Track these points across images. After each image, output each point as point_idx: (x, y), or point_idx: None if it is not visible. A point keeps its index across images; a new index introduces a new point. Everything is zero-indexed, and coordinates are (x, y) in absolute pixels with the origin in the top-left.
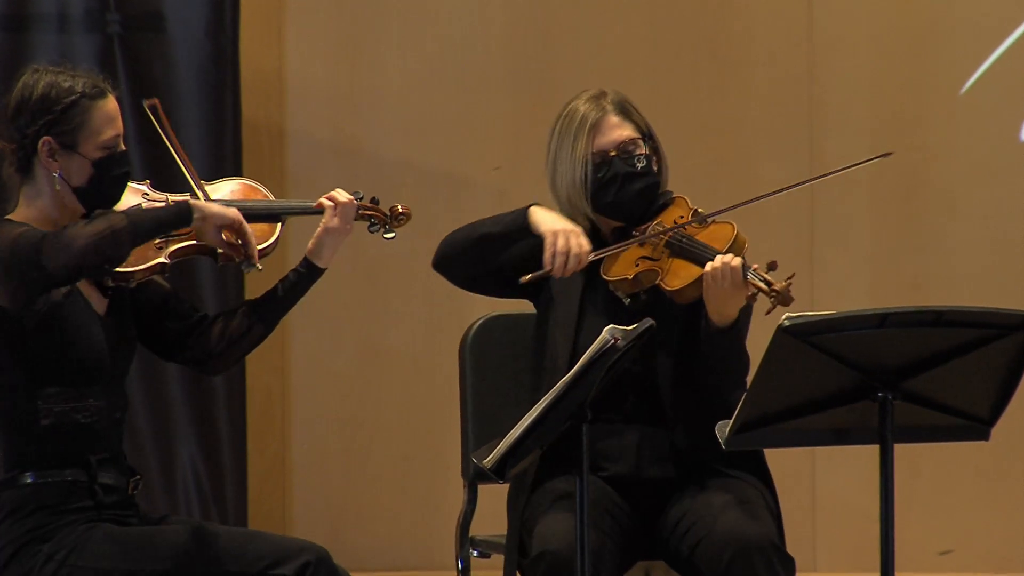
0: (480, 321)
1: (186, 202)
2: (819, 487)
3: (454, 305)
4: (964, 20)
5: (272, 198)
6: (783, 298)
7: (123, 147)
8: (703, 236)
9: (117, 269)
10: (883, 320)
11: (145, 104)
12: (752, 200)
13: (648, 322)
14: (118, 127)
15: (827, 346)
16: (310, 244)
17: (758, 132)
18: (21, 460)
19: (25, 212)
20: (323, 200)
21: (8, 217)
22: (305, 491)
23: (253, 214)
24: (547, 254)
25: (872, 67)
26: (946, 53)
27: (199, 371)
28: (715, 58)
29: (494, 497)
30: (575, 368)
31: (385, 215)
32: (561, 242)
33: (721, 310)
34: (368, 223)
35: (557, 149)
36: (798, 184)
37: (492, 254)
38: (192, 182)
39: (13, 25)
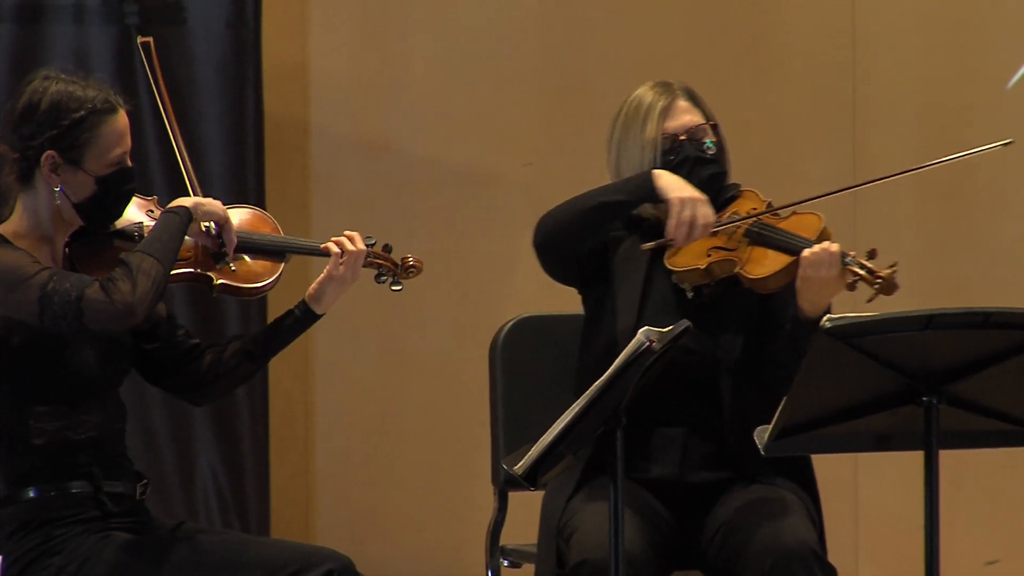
0: (511, 323)
1: (182, 207)
2: (862, 494)
3: (484, 306)
4: (1012, 11)
5: (280, 232)
6: (888, 285)
7: (129, 163)
8: (786, 226)
9: None
10: (928, 322)
11: (138, 40)
12: (840, 191)
13: (684, 323)
14: (126, 144)
15: (870, 348)
16: (311, 288)
17: (799, 127)
18: (21, 476)
19: (19, 222)
20: (331, 244)
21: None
22: (329, 499)
23: (257, 248)
24: (672, 223)
25: (917, 59)
26: (993, 45)
27: (184, 399)
28: (754, 50)
29: (525, 505)
30: (609, 371)
31: (395, 266)
32: (688, 212)
33: (814, 299)
34: (376, 272)
35: (622, 137)
36: (904, 172)
37: (610, 223)
38: (176, 147)
39: (28, 16)
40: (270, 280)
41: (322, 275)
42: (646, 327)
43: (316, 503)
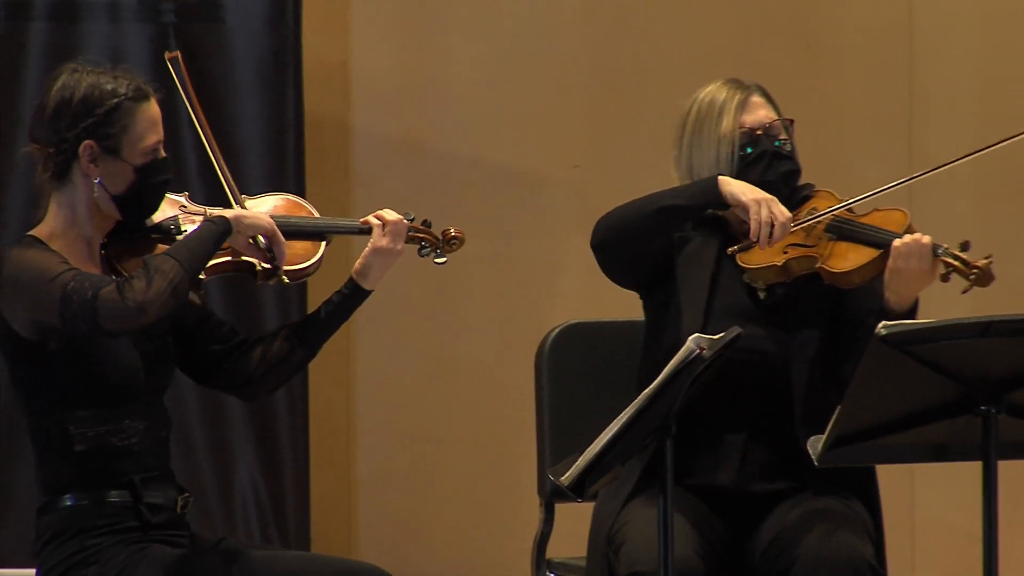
0: (558, 329)
1: (222, 217)
2: (918, 506)
3: (530, 311)
4: None
5: (316, 215)
6: (984, 276)
7: (164, 153)
8: (869, 221)
9: None
10: (986, 328)
11: (166, 56)
12: (913, 178)
13: (736, 330)
14: (160, 132)
15: (926, 356)
16: (356, 264)
17: (854, 125)
18: (59, 484)
19: (55, 221)
20: (370, 218)
21: (32, 234)
22: (371, 511)
23: (295, 231)
24: (753, 225)
25: (977, 54)
26: None
27: (237, 396)
28: (808, 46)
29: (572, 517)
30: (658, 379)
31: (437, 238)
32: (765, 212)
33: (903, 291)
34: (419, 246)
35: (694, 133)
36: (966, 157)
37: (672, 228)
38: (214, 158)
39: (62, 14)
40: (312, 261)
41: (367, 249)
42: (696, 334)
43: (358, 514)
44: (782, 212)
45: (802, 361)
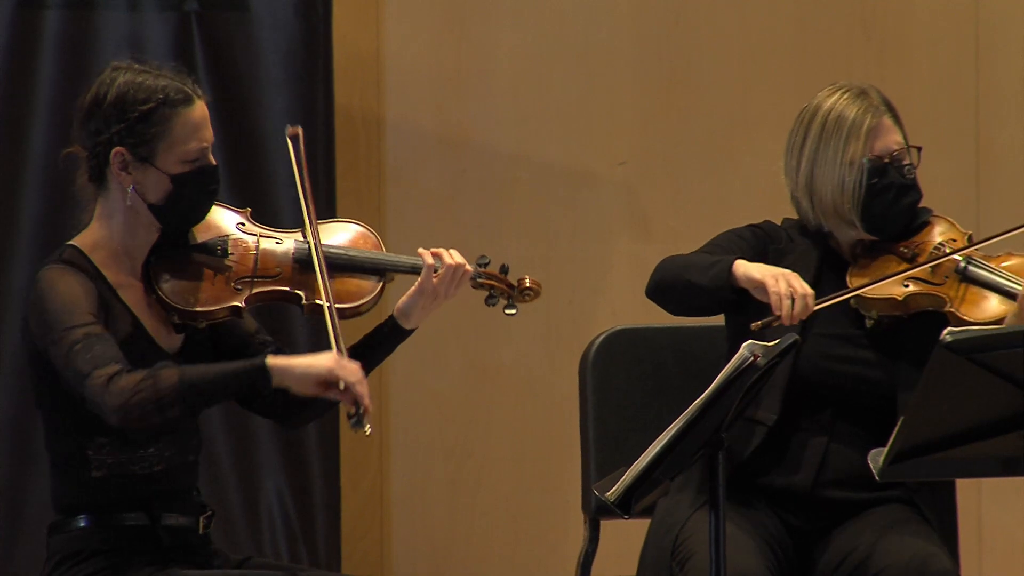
0: (603, 336)
1: (261, 362)
2: (986, 523)
3: (574, 317)
4: None
5: (383, 249)
6: None
7: (212, 161)
8: (1007, 266)
9: (185, 308)
10: None
11: (287, 133)
12: None
13: (792, 337)
14: (204, 138)
15: (995, 364)
16: (400, 302)
17: (919, 122)
18: (74, 504)
19: (98, 229)
20: (425, 254)
21: (74, 243)
22: (406, 528)
23: (351, 266)
24: (774, 300)
25: None
26: None
27: (275, 422)
28: (870, 39)
29: (618, 535)
30: (710, 388)
31: (510, 288)
32: (784, 286)
33: None
34: (487, 294)
35: (818, 151)
36: None
37: (699, 301)
38: (309, 226)
39: (78, 1)
40: (364, 300)
41: (413, 287)
42: (750, 340)
43: (391, 533)
44: (803, 287)
45: (908, 388)
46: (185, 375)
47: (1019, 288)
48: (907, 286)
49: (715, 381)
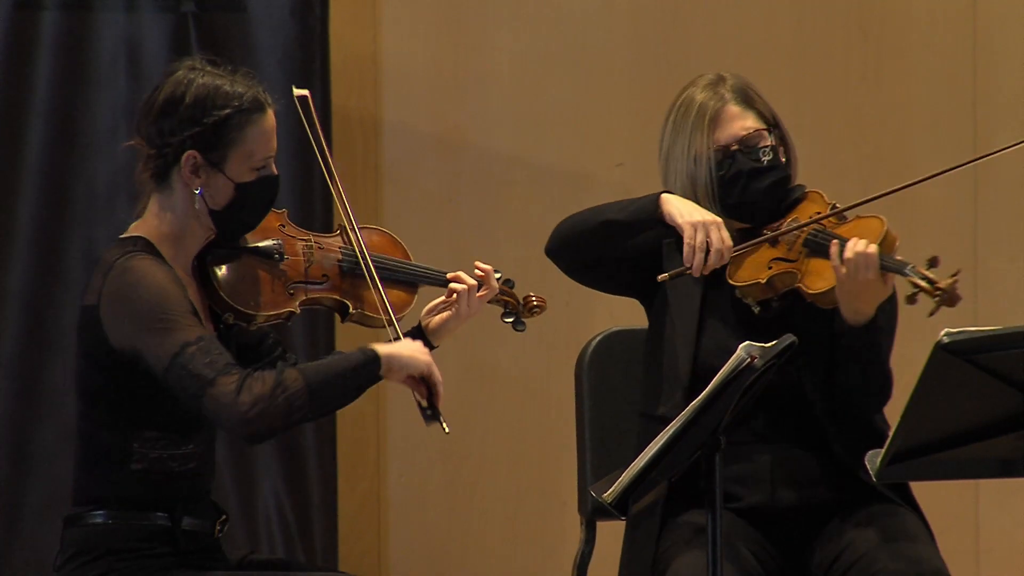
0: (599, 337)
1: (373, 352)
2: (983, 526)
3: (571, 319)
4: None
5: (411, 257)
6: (949, 297)
7: (275, 170)
8: (845, 231)
9: (244, 310)
10: None
11: (295, 94)
12: (898, 188)
13: (789, 338)
14: (272, 148)
15: (992, 365)
16: (432, 322)
17: (916, 122)
18: (95, 498)
19: (151, 223)
20: (464, 276)
21: (130, 235)
22: (403, 529)
23: (394, 277)
24: (686, 250)
25: None
26: None
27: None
28: (868, 40)
29: (614, 535)
30: (707, 391)
31: (518, 303)
32: (700, 236)
33: (855, 305)
34: (503, 310)
35: (671, 144)
36: (953, 168)
37: (614, 242)
38: (341, 205)
39: (75, 3)
40: (405, 312)
41: (449, 313)
42: (747, 342)
43: (389, 534)
44: (722, 239)
45: (814, 372)
46: (308, 378)
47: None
48: (770, 268)
49: (712, 383)
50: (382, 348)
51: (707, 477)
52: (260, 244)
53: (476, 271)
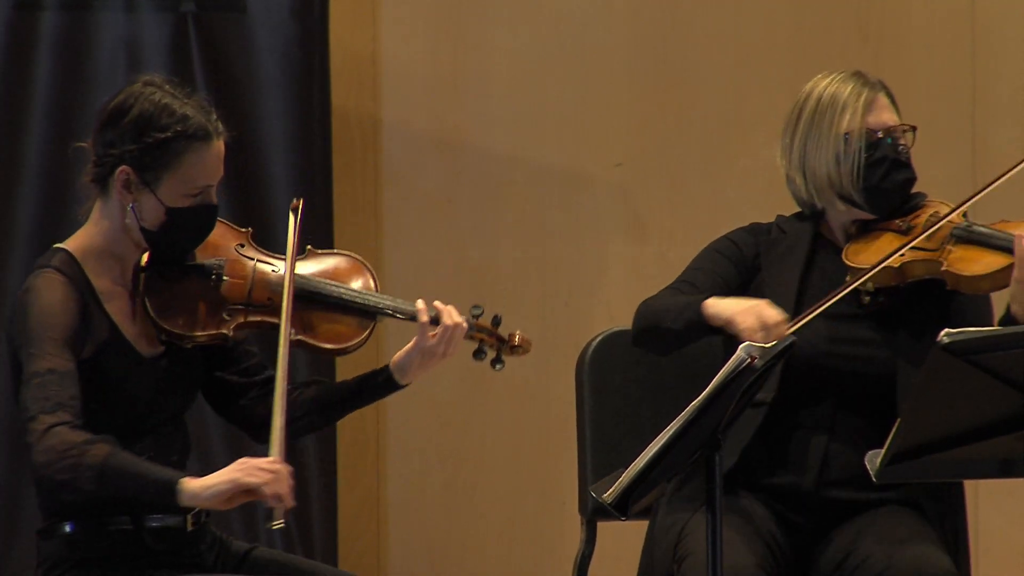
0: (599, 338)
1: (172, 483)
2: (982, 525)
3: (570, 320)
4: None
5: (376, 285)
6: None
7: (213, 199)
8: (1002, 227)
9: (172, 329)
10: None
11: (292, 205)
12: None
13: (790, 339)
14: (212, 177)
15: (993, 366)
16: (397, 356)
17: (915, 119)
18: (60, 508)
19: (93, 233)
20: (421, 309)
21: (59, 246)
22: (402, 530)
23: (344, 305)
24: (745, 336)
25: None
26: None
27: (248, 436)
28: (866, 40)
29: (615, 536)
30: (707, 390)
31: (500, 342)
32: (752, 320)
33: None
34: (476, 347)
35: (810, 129)
36: None
37: (680, 343)
38: (285, 316)
39: (74, 3)
40: (353, 342)
41: (411, 345)
42: (747, 343)
43: (388, 535)
44: (771, 315)
45: (910, 369)
46: (110, 461)
47: (1012, 238)
48: (903, 255)
49: (712, 383)
50: (189, 483)
51: (708, 479)
52: (202, 263)
53: (439, 305)
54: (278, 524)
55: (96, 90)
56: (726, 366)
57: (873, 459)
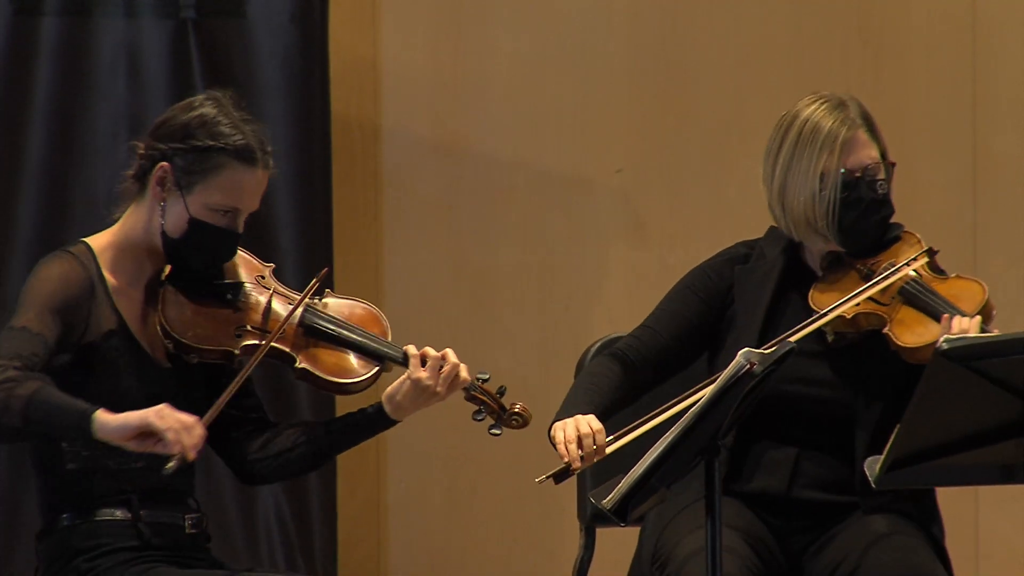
0: (599, 342)
1: (87, 413)
2: (983, 531)
3: (570, 324)
4: None
5: (389, 336)
6: None
7: (239, 228)
8: (943, 289)
9: (180, 339)
10: None
11: (319, 275)
12: None
13: (789, 345)
14: (242, 202)
15: (992, 372)
16: (389, 389)
17: (915, 128)
18: (55, 504)
19: (120, 230)
20: (411, 351)
21: (87, 240)
22: (402, 536)
23: (354, 345)
24: (559, 449)
25: None
26: None
27: (232, 472)
28: (867, 45)
29: (614, 542)
30: (706, 397)
31: (500, 409)
32: (569, 431)
33: None
34: (476, 408)
35: (792, 159)
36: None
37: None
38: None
39: (74, 8)
40: (358, 379)
41: (403, 377)
42: (746, 348)
43: (388, 541)
44: (583, 427)
45: (865, 410)
46: (38, 394)
47: (946, 312)
48: (858, 304)
49: (711, 389)
50: (102, 414)
51: (707, 484)
52: (221, 283)
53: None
54: (169, 467)
55: (96, 95)
56: (725, 372)
57: (872, 465)
